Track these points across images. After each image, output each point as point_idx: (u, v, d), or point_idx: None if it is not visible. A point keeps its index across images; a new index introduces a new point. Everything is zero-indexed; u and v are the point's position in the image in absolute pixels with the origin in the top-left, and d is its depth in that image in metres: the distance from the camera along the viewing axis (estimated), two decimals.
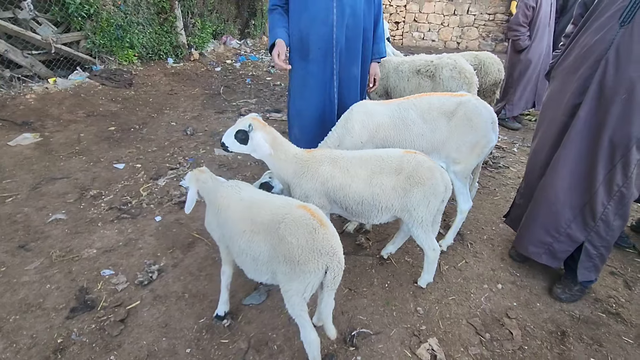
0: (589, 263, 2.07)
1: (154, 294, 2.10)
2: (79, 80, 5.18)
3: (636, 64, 1.69)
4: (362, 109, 2.31)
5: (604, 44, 1.77)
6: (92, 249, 2.43)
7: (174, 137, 4.21)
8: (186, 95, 5.64)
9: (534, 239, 2.17)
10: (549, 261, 2.16)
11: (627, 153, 1.79)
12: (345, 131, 2.31)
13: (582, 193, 1.97)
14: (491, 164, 3.81)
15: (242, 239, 1.59)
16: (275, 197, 1.70)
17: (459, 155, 2.28)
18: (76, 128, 4.19)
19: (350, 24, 2.43)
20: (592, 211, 1.96)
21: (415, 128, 2.26)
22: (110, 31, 5.57)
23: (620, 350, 1.87)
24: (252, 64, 7.62)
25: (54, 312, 1.96)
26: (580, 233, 2.03)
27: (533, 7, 4.06)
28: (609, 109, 1.78)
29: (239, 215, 1.63)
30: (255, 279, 1.69)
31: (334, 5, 2.34)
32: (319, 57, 2.48)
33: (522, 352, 1.84)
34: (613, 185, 1.87)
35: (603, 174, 1.87)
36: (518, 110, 4.71)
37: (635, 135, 1.76)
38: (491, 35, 10.34)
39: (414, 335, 1.90)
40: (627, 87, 1.72)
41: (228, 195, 1.73)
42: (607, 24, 1.77)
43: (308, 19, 2.40)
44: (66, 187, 3.11)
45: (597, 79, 1.80)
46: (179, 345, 1.81)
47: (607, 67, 1.76)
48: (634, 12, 1.68)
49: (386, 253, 2.41)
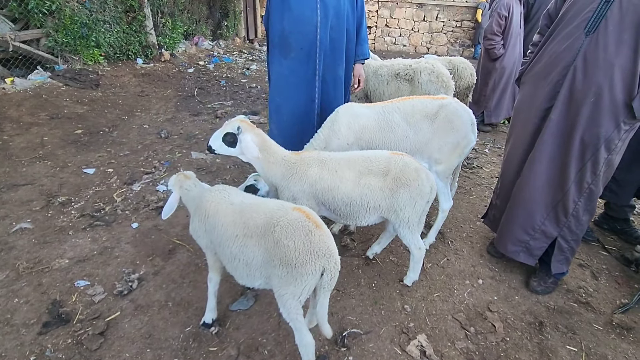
0: (561, 256, 2.20)
1: (134, 304, 2.01)
2: (39, 81, 4.86)
3: (602, 70, 1.82)
4: (348, 111, 2.34)
5: (571, 51, 1.89)
6: (64, 259, 2.28)
7: (147, 140, 4.05)
8: (158, 97, 5.45)
9: (512, 238, 2.28)
10: (526, 259, 2.27)
11: (596, 152, 1.92)
12: (332, 133, 2.32)
13: (556, 191, 2.08)
14: (465, 165, 3.96)
15: (235, 244, 1.55)
16: (268, 201, 1.68)
17: (441, 156, 2.35)
18: (38, 131, 3.93)
19: (334, 25, 2.45)
20: (564, 208, 2.08)
21: (400, 130, 2.32)
22: (74, 29, 5.28)
23: (592, 336, 2.00)
24: (226, 66, 7.49)
25: (24, 328, 1.82)
26: (553, 229, 2.16)
27: (506, 16, 4.28)
28: (579, 111, 1.90)
29: (230, 219, 1.59)
30: (247, 284, 1.65)
31: (317, 6, 2.36)
32: (301, 56, 2.49)
33: (505, 344, 1.92)
34: (583, 183, 2.00)
35: (574, 172, 2.00)
36: (498, 117, 4.92)
37: (604, 136, 1.89)
38: (459, 42, 10.78)
39: (402, 332, 1.94)
40: (595, 91, 1.85)
41: (216, 200, 1.68)
42: (573, 33, 1.90)
43: (291, 18, 2.40)
44: (30, 194, 2.90)
45: (567, 85, 1.92)
46: (165, 356, 1.74)
47: (576, 73, 1.88)
48: (598, 22, 1.81)
49: (372, 253, 2.44)
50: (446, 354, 1.84)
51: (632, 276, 2.47)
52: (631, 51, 1.76)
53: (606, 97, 1.83)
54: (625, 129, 1.89)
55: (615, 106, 1.84)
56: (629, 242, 2.80)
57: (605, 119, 1.86)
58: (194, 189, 1.77)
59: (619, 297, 2.29)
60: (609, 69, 1.80)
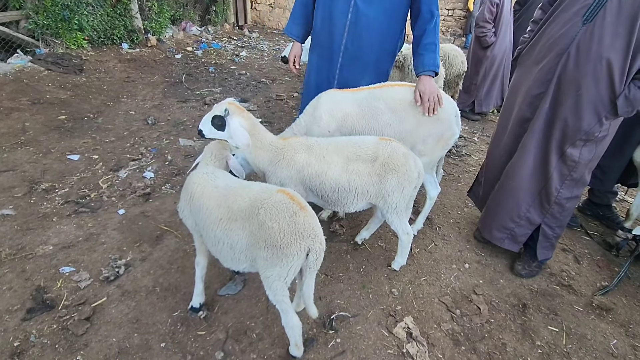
0: (546, 243, 2.24)
1: (121, 289, 1.99)
2: (20, 65, 4.69)
3: (592, 62, 1.79)
4: (331, 97, 2.27)
5: (566, 39, 1.86)
6: (48, 246, 2.24)
7: (133, 126, 3.96)
8: (145, 83, 5.32)
9: (498, 225, 2.30)
10: (511, 245, 2.30)
11: (574, 142, 1.93)
12: (313, 119, 2.26)
13: (539, 178, 2.10)
14: (454, 152, 3.99)
15: (219, 228, 1.55)
16: (252, 184, 1.66)
17: (425, 148, 2.27)
18: (20, 117, 3.81)
19: (365, 34, 2.31)
20: (547, 195, 2.10)
21: (384, 117, 2.23)
22: (56, 11, 5.08)
23: (572, 317, 2.07)
24: (215, 52, 7.33)
25: (7, 315, 1.79)
26: (537, 216, 2.18)
27: (497, 3, 4.26)
28: (564, 102, 1.90)
29: (215, 202, 1.58)
30: (232, 267, 1.65)
31: (349, 10, 2.25)
32: (325, 55, 2.45)
33: (490, 325, 1.97)
34: (564, 170, 2.02)
35: (555, 160, 2.01)
36: (488, 106, 4.92)
37: (584, 129, 1.89)
38: (450, 30, 10.75)
39: (390, 315, 1.97)
40: (581, 84, 1.83)
41: (202, 182, 1.66)
42: (571, 19, 1.85)
43: (324, 15, 2.36)
44: (12, 181, 2.83)
45: (558, 72, 1.90)
46: (153, 340, 1.73)
47: (568, 62, 1.86)
48: (596, 12, 1.76)
49: (360, 239, 2.45)
50: (432, 335, 1.88)
51: (612, 260, 2.55)
52: (624, 45, 1.72)
53: (592, 90, 1.81)
54: (607, 124, 1.88)
55: (599, 101, 1.83)
56: (611, 227, 2.87)
57: (588, 112, 1.85)
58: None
59: (599, 280, 2.36)
60: (599, 62, 1.77)
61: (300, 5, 2.50)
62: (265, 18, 11.08)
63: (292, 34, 2.57)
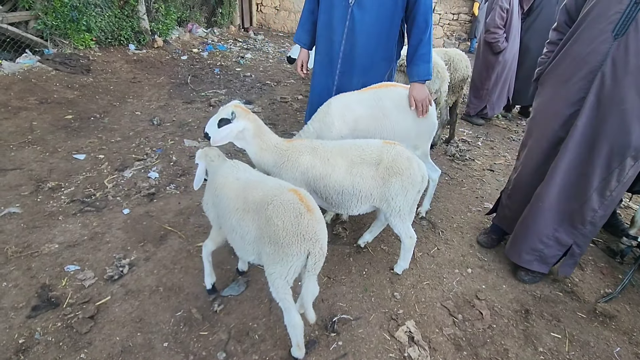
0: (571, 260, 2.20)
1: (125, 288, 2.00)
2: (28, 64, 4.75)
3: (633, 76, 1.74)
4: (340, 102, 2.28)
5: (598, 55, 1.81)
6: (54, 244, 2.26)
7: (139, 127, 4.00)
8: (151, 84, 5.37)
9: (527, 247, 2.22)
10: (540, 267, 2.23)
11: (623, 160, 1.87)
12: (324, 125, 2.27)
13: (573, 199, 2.02)
14: (458, 157, 3.99)
15: (234, 217, 1.61)
16: (269, 179, 1.72)
17: (420, 142, 2.44)
18: (27, 116, 3.85)
19: (360, 42, 2.33)
20: (582, 216, 2.04)
21: (392, 117, 2.30)
22: (64, 12, 5.14)
23: (575, 324, 2.05)
24: (220, 54, 7.38)
25: (12, 312, 1.81)
26: (567, 236, 2.12)
27: (507, 9, 4.26)
28: (607, 118, 1.83)
29: (234, 193, 1.64)
30: (243, 257, 1.77)
31: (347, 17, 2.27)
32: (325, 62, 2.48)
33: (492, 330, 1.96)
34: (606, 191, 1.96)
35: (598, 181, 1.94)
36: (498, 110, 4.99)
37: (634, 145, 1.83)
38: (455, 35, 10.75)
39: (392, 319, 1.97)
40: (624, 98, 1.78)
41: (226, 174, 1.74)
42: (599, 35, 1.80)
43: (325, 22, 2.39)
44: (19, 179, 2.86)
45: (594, 90, 1.84)
46: (156, 340, 1.75)
47: (605, 78, 1.80)
48: (627, 25, 1.72)
49: (363, 242, 2.45)
50: (434, 340, 1.88)
51: (616, 267, 2.53)
52: None
53: (637, 103, 1.77)
54: None
55: None
56: (615, 234, 2.86)
57: (636, 125, 1.80)
58: (216, 160, 1.83)
59: (603, 287, 2.34)
60: (639, 73, 1.73)
61: (308, 12, 2.54)
62: (271, 20, 11.14)
63: (299, 41, 2.63)
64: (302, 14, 2.58)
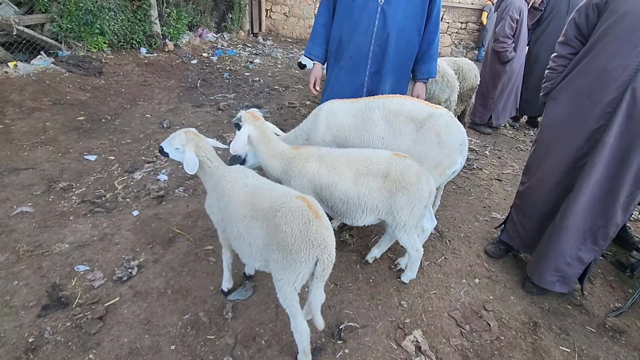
0: (588, 275, 2.18)
1: (134, 290, 2.02)
2: (43, 66, 4.84)
3: None
4: (329, 108, 2.27)
5: (627, 70, 1.77)
6: (64, 244, 2.29)
7: (149, 129, 4.04)
8: (161, 87, 5.44)
9: (549, 268, 2.15)
10: (561, 288, 2.18)
11: None
12: (313, 127, 2.30)
13: (599, 216, 1.99)
14: (466, 166, 3.98)
15: (242, 224, 1.61)
16: (277, 186, 1.72)
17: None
18: (41, 116, 3.92)
19: (393, 39, 2.32)
20: (605, 233, 2.02)
21: (377, 130, 2.18)
22: (79, 15, 5.25)
23: (584, 338, 2.03)
24: (230, 59, 7.46)
25: (23, 310, 1.83)
26: (589, 253, 2.09)
27: (517, 19, 4.28)
28: (639, 134, 1.80)
29: (242, 200, 1.65)
30: (249, 264, 1.74)
31: (376, 17, 2.28)
32: (349, 65, 2.46)
33: (499, 342, 1.95)
34: (630, 207, 1.95)
35: (624, 197, 1.92)
36: (504, 119, 5.01)
37: None
38: (462, 43, 10.77)
39: (398, 328, 1.96)
40: None
41: (233, 180, 1.74)
42: (623, 49, 1.77)
43: (349, 26, 2.38)
44: (32, 179, 2.90)
45: (624, 106, 1.80)
46: (163, 342, 1.75)
47: (636, 94, 1.77)
48: None
49: (371, 257, 2.39)
50: (441, 350, 1.86)
51: (626, 281, 2.50)
52: None
53: None
54: None
55: None
56: (625, 247, 2.82)
57: None
58: (215, 162, 1.83)
59: (612, 301, 2.32)
60: None
61: (321, 26, 2.52)
62: (280, 26, 11.25)
63: (312, 54, 2.58)
64: (315, 28, 2.55)
